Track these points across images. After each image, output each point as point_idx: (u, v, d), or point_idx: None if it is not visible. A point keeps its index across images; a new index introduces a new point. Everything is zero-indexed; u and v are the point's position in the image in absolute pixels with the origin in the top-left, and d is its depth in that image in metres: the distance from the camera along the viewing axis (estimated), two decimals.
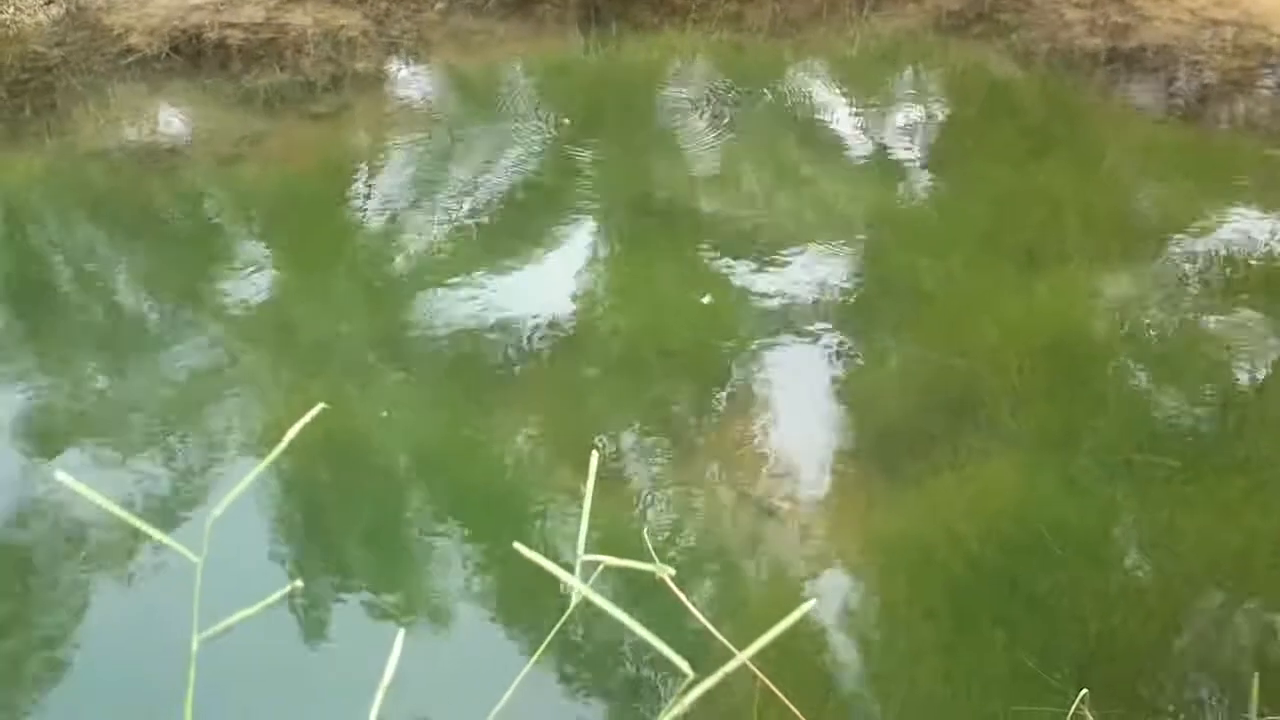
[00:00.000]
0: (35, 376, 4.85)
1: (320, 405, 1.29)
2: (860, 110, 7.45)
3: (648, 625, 1.12)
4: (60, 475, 1.10)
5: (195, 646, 1.09)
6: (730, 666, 1.07)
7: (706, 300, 5.17)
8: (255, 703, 3.33)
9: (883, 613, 3.74)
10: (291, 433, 1.21)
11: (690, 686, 1.06)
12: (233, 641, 1.14)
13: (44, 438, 4.47)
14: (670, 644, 1.10)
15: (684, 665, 1.06)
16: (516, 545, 1.25)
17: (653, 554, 3.62)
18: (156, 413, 4.60)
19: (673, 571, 1.32)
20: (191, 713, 1.11)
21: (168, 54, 7.44)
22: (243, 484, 1.20)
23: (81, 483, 1.08)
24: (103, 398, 4.73)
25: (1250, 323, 5.10)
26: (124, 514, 1.10)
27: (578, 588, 1.15)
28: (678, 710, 1.10)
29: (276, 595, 1.25)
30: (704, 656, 1.11)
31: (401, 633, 1.21)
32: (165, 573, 3.68)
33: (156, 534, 1.12)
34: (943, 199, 6.35)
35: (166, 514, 4.01)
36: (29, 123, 6.79)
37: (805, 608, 1.14)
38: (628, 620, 1.11)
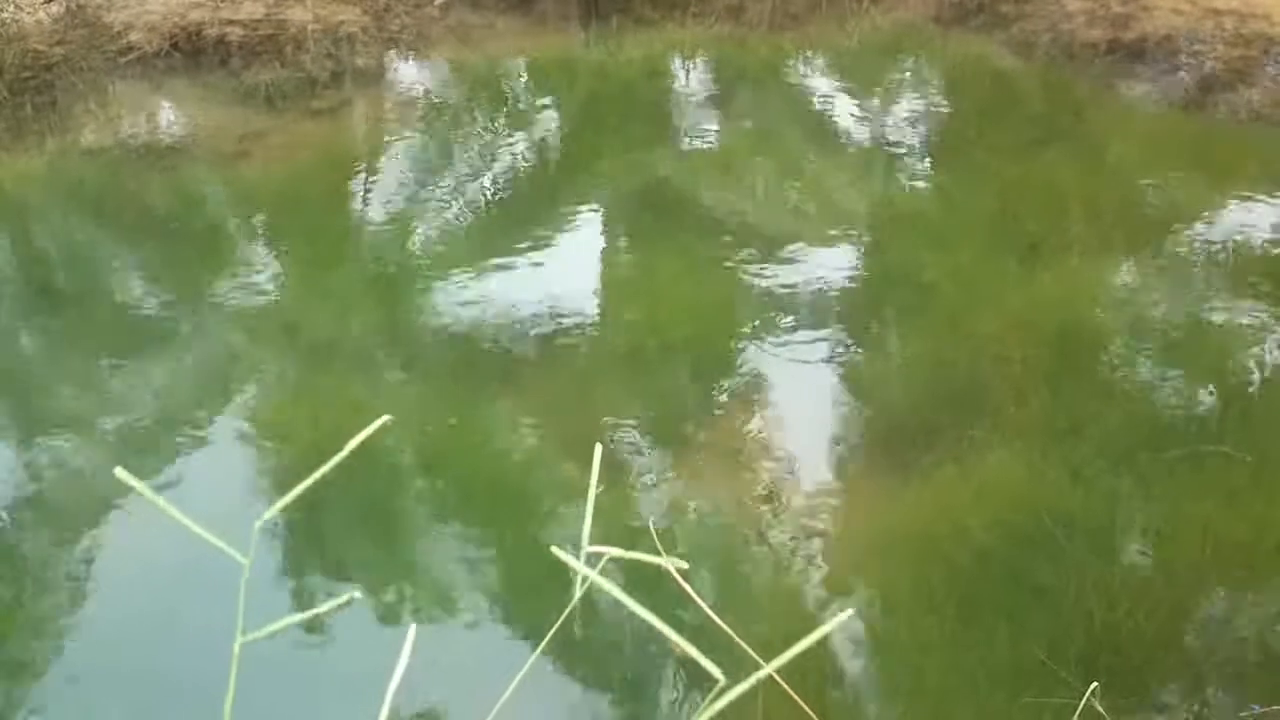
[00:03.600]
0: (41, 373, 4.84)
1: (384, 418, 1.27)
2: (862, 103, 7.44)
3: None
4: (119, 472, 1.09)
5: (237, 649, 1.08)
6: (759, 676, 1.05)
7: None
8: (265, 696, 3.32)
9: (888, 604, 3.74)
10: (353, 443, 1.19)
11: (720, 693, 1.04)
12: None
13: (46, 433, 4.46)
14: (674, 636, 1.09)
15: (715, 670, 1.04)
16: (553, 549, 1.24)
17: (659, 547, 3.62)
18: (158, 409, 4.59)
19: (684, 565, 1.31)
20: (230, 714, 1.10)
21: (168, 51, 7.43)
22: (295, 491, 1.18)
23: (136, 480, 1.07)
24: (109, 395, 4.73)
25: (1254, 311, 5.09)
26: (176, 514, 1.09)
27: (604, 585, 1.13)
28: (707, 716, 1.09)
29: (329, 605, 1.24)
30: (709, 649, 1.11)
31: (413, 627, 1.20)
32: (193, 573, 3.67)
33: (206, 535, 1.11)
34: (945, 191, 6.34)
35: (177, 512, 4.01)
36: (30, 121, 6.79)
37: (842, 617, 1.12)
38: (657, 622, 1.09)
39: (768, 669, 1.03)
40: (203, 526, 1.10)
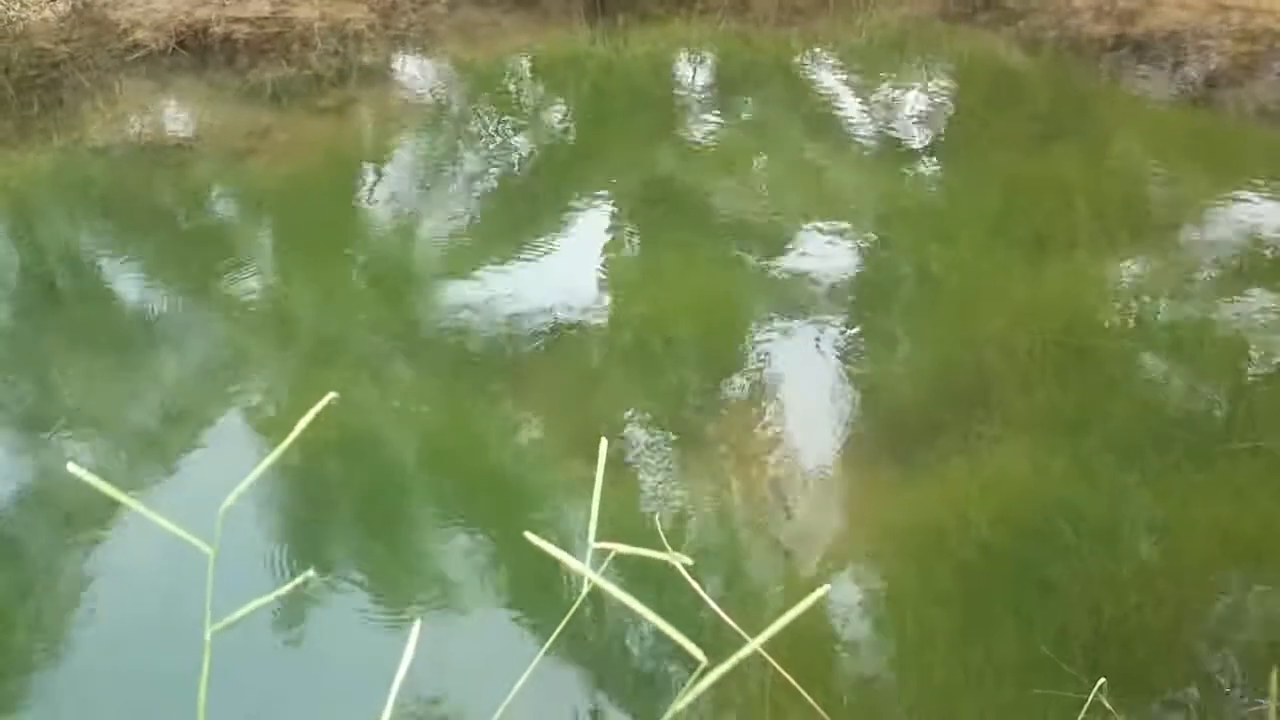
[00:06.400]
0: (47, 370, 4.86)
1: (330, 395, 1.27)
2: (868, 98, 7.43)
3: (660, 615, 1.12)
4: (71, 467, 1.09)
5: (208, 637, 1.08)
6: (743, 653, 1.05)
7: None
8: (267, 692, 3.33)
9: (895, 600, 3.73)
10: (301, 424, 1.19)
11: (703, 673, 1.04)
12: (247, 630, 1.13)
13: (54, 430, 4.47)
14: (683, 634, 1.09)
15: (697, 652, 1.04)
16: (527, 535, 1.24)
17: (665, 542, 3.62)
18: (166, 405, 4.60)
19: (688, 560, 1.30)
20: (205, 706, 1.10)
21: (174, 49, 7.44)
22: (253, 474, 1.18)
23: (90, 475, 1.08)
24: (116, 390, 4.74)
25: (1260, 307, 5.08)
26: (137, 505, 1.10)
27: (588, 576, 1.14)
28: (690, 697, 1.09)
29: (289, 585, 1.24)
30: (718, 646, 1.11)
31: (418, 622, 1.20)
32: (173, 563, 3.68)
33: (168, 525, 1.11)
34: (951, 186, 6.33)
35: (175, 506, 4.02)
36: (36, 120, 6.80)
37: (819, 593, 1.12)
38: (638, 607, 1.10)
39: (753, 644, 1.03)
40: (205, 519, 1.10)
